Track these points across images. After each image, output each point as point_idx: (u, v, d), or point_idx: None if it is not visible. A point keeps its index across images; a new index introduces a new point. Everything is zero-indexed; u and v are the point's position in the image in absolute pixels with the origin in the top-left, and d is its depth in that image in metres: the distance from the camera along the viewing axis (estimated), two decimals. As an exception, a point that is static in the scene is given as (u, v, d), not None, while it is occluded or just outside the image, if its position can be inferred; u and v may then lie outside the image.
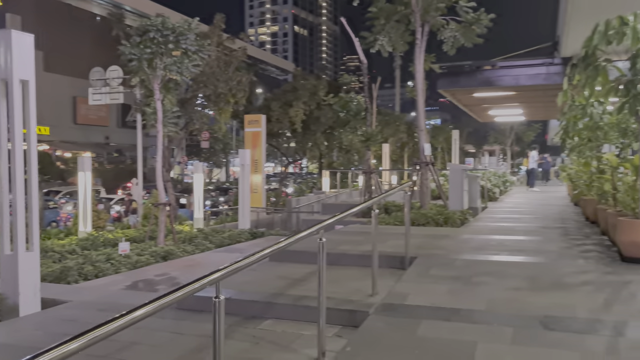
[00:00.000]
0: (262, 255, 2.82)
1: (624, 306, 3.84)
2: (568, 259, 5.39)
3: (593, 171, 7.65)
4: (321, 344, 3.33)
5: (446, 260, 5.43)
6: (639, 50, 4.85)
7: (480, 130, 53.61)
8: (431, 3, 10.02)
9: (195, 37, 12.13)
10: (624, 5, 9.05)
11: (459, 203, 9.17)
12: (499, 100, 18.54)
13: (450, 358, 3.16)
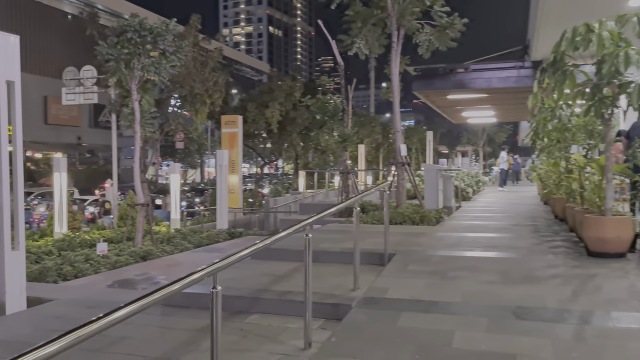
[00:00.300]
0: (256, 248, 2.97)
1: (590, 297, 4.09)
2: (538, 254, 5.66)
3: (562, 171, 7.96)
4: (307, 335, 3.49)
5: (423, 256, 5.64)
6: (604, 56, 5.11)
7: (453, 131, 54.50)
8: (407, 7, 10.25)
9: (173, 37, 12.16)
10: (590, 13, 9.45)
11: (434, 202, 9.43)
12: (471, 102, 18.97)
13: (430, 346, 3.35)
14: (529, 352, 3.18)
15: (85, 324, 1.98)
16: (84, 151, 43.99)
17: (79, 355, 3.39)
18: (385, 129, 35.85)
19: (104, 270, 8.10)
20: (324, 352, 3.35)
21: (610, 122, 5.42)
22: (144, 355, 3.45)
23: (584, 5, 10.34)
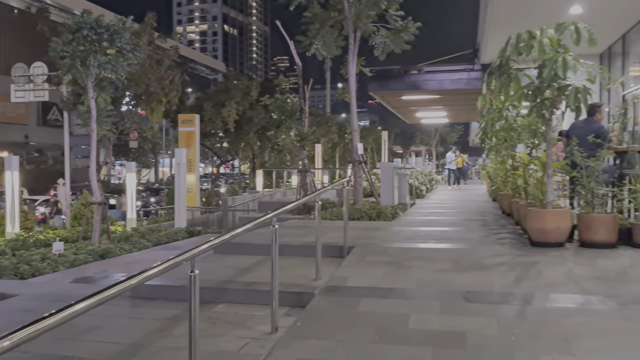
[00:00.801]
0: (232, 235, 3.16)
1: (531, 281, 4.48)
2: (486, 245, 6.06)
3: (508, 168, 8.45)
4: (274, 320, 3.71)
5: (380, 248, 5.95)
6: (544, 61, 5.54)
7: (407, 131, 55.66)
8: (363, 11, 10.56)
9: (130, 35, 12.09)
10: (535, 20, 10.05)
11: (390, 199, 9.78)
12: (425, 102, 19.59)
13: (388, 327, 3.63)
14: (477, 330, 3.50)
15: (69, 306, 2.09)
16: (31, 150, 42.53)
17: (52, 344, 3.50)
18: (341, 129, 36.35)
19: (63, 268, 8.05)
20: (290, 335, 3.57)
21: (551, 122, 5.87)
22: (118, 342, 3.58)
23: (529, 12, 10.95)
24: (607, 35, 12.96)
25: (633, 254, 5.15)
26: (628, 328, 3.44)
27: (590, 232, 5.46)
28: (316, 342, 3.45)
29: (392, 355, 3.21)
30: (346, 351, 3.29)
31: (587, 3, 10.36)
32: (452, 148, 23.16)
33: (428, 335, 3.48)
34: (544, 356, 3.09)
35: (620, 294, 4.01)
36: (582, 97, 5.36)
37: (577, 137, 6.35)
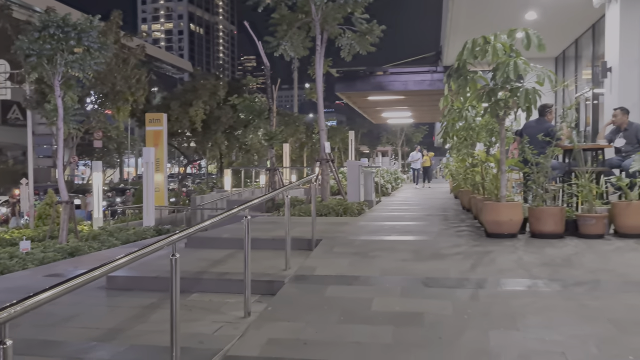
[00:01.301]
0: (212, 222, 3.40)
1: (485, 268, 4.85)
2: (445, 237, 6.44)
3: (467, 166, 8.89)
4: (247, 306, 3.97)
5: (346, 241, 6.26)
6: (498, 64, 5.94)
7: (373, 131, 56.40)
8: (329, 13, 10.88)
9: (97, 34, 12.09)
10: (494, 24, 10.55)
11: (356, 196, 10.12)
12: (390, 103, 20.07)
13: (353, 309, 3.92)
14: (433, 311, 3.83)
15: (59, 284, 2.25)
16: (-10, 150, 41.37)
17: (34, 330, 3.68)
18: (309, 129, 36.63)
19: (32, 266, 8.07)
20: (262, 318, 3.83)
21: (504, 121, 6.28)
22: (98, 327, 3.77)
23: (487, 18, 11.47)
24: (561, 40, 13.64)
25: (578, 243, 5.59)
26: (567, 306, 3.83)
27: (540, 224, 5.89)
28: (286, 324, 3.72)
29: (357, 334, 3.50)
30: (314, 331, 3.57)
31: (542, 10, 10.93)
32: (416, 147, 23.60)
33: (389, 316, 3.79)
34: (492, 331, 3.43)
35: (563, 278, 4.41)
36: (532, 98, 5.78)
37: (529, 136, 6.80)
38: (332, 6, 10.69)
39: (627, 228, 5.77)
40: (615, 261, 4.93)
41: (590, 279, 4.38)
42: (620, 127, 7.54)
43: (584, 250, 5.29)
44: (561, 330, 3.42)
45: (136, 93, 22.41)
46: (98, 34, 12.22)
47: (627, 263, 4.86)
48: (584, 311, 3.71)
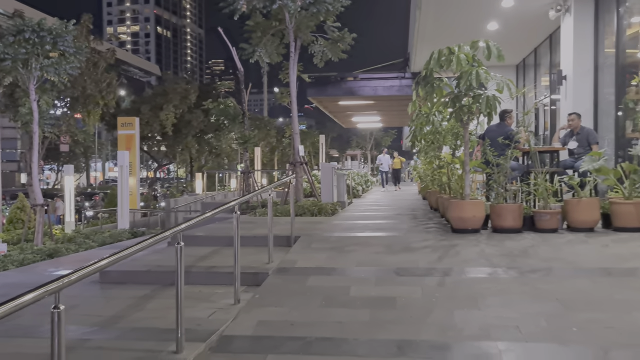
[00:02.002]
0: (212, 214, 3.76)
1: (451, 259, 5.32)
2: (415, 233, 6.92)
3: (435, 168, 9.42)
4: (237, 294, 4.33)
5: (323, 237, 6.66)
6: (462, 73, 6.45)
7: (343, 135, 57.07)
8: (302, 21, 11.29)
9: (72, 38, 12.24)
10: (456, 34, 11.20)
11: (330, 197, 10.55)
12: (360, 108, 20.61)
13: (332, 296, 4.33)
14: (405, 295, 4.27)
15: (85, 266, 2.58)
16: (-48, 154, 40.29)
17: (38, 318, 3.96)
18: (279, 132, 36.97)
19: (13, 267, 8.22)
20: (251, 304, 4.20)
21: (468, 125, 6.81)
22: (99, 315, 4.08)
23: (452, 28, 12.08)
24: (521, 48, 14.40)
25: (534, 237, 6.14)
26: (522, 289, 4.32)
27: (500, 220, 6.42)
28: (273, 309, 4.11)
29: (337, 316, 3.91)
30: (299, 314, 3.96)
31: (503, 21, 11.59)
32: (384, 150, 24.08)
33: (366, 300, 4.22)
34: (456, 310, 3.89)
35: (519, 266, 4.91)
36: (493, 104, 6.31)
37: (490, 139, 7.35)
38: (305, 14, 11.11)
39: (578, 223, 6.34)
40: (566, 252, 5.47)
41: (544, 266, 4.89)
42: (573, 131, 8.18)
43: (539, 243, 5.83)
44: (516, 308, 3.91)
45: (107, 97, 22.35)
46: (73, 38, 12.36)
47: (577, 253, 5.40)
48: (537, 293, 4.21)
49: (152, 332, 3.67)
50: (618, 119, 9.18)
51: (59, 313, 2.18)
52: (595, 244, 5.71)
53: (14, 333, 3.70)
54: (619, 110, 9.16)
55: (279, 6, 10.71)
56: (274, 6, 10.73)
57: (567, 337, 3.38)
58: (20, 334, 3.70)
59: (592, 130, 8.45)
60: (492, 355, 3.17)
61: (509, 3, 10.39)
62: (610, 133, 9.34)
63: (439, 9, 11.07)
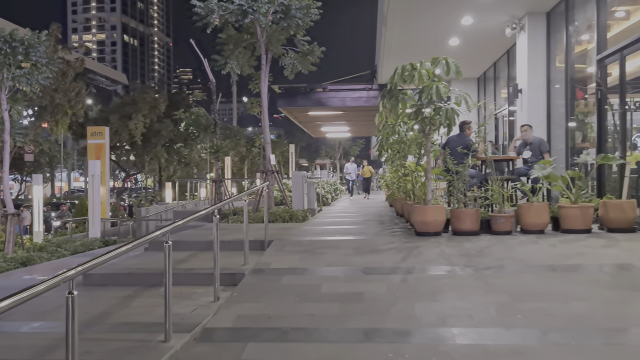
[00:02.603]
0: (193, 218, 4.09)
1: (413, 259, 5.77)
2: (381, 237, 7.36)
3: (400, 176, 9.91)
4: (216, 291, 4.67)
5: (295, 241, 7.04)
6: (424, 88, 6.96)
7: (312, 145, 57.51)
8: (273, 35, 11.71)
9: (44, 49, 12.35)
10: (420, 49, 11.80)
11: (301, 204, 10.92)
12: (329, 118, 21.11)
13: (305, 293, 4.71)
14: (371, 291, 4.68)
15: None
16: None
17: (31, 316, 4.23)
18: (249, 142, 37.18)
19: (-13, 275, 8.31)
20: (230, 301, 4.55)
21: (430, 136, 7.31)
22: (87, 312, 4.35)
23: (416, 42, 12.68)
24: (482, 62, 15.13)
25: (490, 239, 6.65)
26: (476, 284, 4.79)
27: (459, 223, 6.92)
28: (251, 304, 4.46)
29: (310, 309, 4.29)
30: (274, 308, 4.33)
31: (464, 37, 12.25)
32: (351, 159, 24.22)
33: (336, 296, 4.61)
34: (417, 303, 4.32)
35: (475, 264, 5.39)
36: (451, 116, 6.83)
37: (450, 149, 7.88)
38: (276, 28, 11.53)
39: (530, 225, 6.89)
40: (517, 251, 5.99)
41: (497, 264, 5.38)
42: (526, 141, 8.79)
43: (494, 244, 6.34)
44: (470, 300, 4.36)
45: (75, 106, 22.28)
46: (45, 49, 12.47)
47: (527, 252, 5.92)
48: (489, 287, 4.68)
49: (140, 326, 3.98)
50: (568, 129, 9.87)
51: (72, 298, 2.50)
52: (544, 244, 6.25)
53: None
54: (569, 122, 9.86)
55: (250, 20, 11.09)
56: (246, 20, 11.11)
57: (513, 323, 3.84)
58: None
59: (543, 140, 9.09)
60: (446, 339, 3.60)
61: (469, 21, 11.03)
62: (561, 143, 10.02)
63: (404, 25, 11.64)
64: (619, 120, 7.58)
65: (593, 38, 8.62)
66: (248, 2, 11.01)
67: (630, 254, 5.59)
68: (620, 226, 6.61)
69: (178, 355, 3.45)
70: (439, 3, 10.21)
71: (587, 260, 5.46)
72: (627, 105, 7.53)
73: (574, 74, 9.70)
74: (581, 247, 6.01)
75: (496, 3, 10.05)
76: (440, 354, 3.37)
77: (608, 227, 6.74)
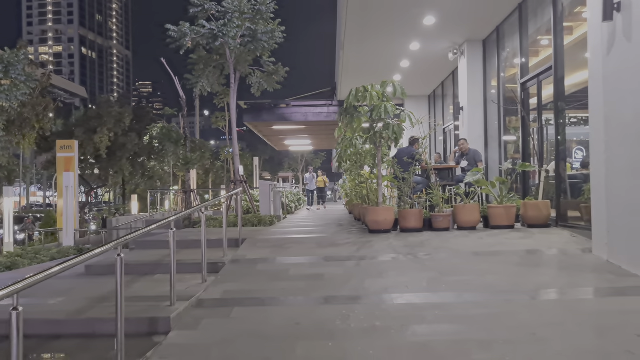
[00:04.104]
0: (184, 215, 5.11)
1: (366, 250, 6.92)
2: (340, 235, 8.51)
3: (357, 184, 11.10)
4: (204, 275, 5.69)
5: (265, 239, 8.10)
6: (374, 107, 8.17)
7: (274, 158, 58.51)
8: (241, 56, 12.81)
9: (23, 67, 13.09)
10: (375, 69, 13.09)
11: (268, 211, 11.98)
12: (292, 132, 22.24)
13: (277, 275, 5.79)
14: (330, 273, 5.79)
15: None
16: None
17: (49, 296, 5.16)
18: (213, 155, 37.94)
19: (-21, 277, 8.99)
20: (216, 282, 5.58)
21: (380, 148, 8.52)
22: (95, 294, 5.29)
23: (372, 63, 13.98)
24: (431, 82, 16.60)
25: (430, 234, 7.88)
26: (415, 266, 5.97)
27: (405, 222, 8.13)
28: (233, 283, 5.51)
29: (281, 286, 5.36)
30: (252, 286, 5.39)
31: (413, 60, 13.63)
32: (310, 169, 24.15)
33: (302, 277, 5.70)
34: (367, 280, 5.45)
35: (415, 253, 6.58)
36: (398, 131, 8.07)
37: (399, 159, 9.12)
38: (244, 50, 12.64)
39: (464, 223, 8.16)
40: (451, 243, 7.22)
41: (433, 252, 6.59)
42: (463, 152, 10.14)
43: (433, 238, 7.57)
44: (408, 276, 5.53)
45: (43, 120, 22.72)
46: (24, 66, 13.21)
47: (459, 243, 7.16)
48: (424, 267, 5.87)
49: (148, 298, 4.97)
50: (502, 142, 11.30)
51: (121, 258, 3.49)
52: (473, 237, 7.52)
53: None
54: (502, 135, 11.29)
55: (221, 43, 12.17)
56: (217, 43, 12.18)
57: (438, 289, 5.03)
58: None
59: (477, 151, 10.45)
60: (387, 301, 4.75)
61: (416, 47, 12.41)
62: (496, 154, 11.43)
63: (359, 50, 12.92)
64: (537, 134, 9.01)
65: (518, 64, 10.08)
66: (218, 26, 12.11)
67: (540, 243, 6.90)
68: (537, 222, 7.95)
69: (182, 314, 4.48)
70: (389, 31, 11.52)
71: (505, 248, 6.74)
72: (544, 122, 8.96)
73: (506, 94, 11.16)
74: (503, 239, 7.30)
75: (439, 31, 11.44)
76: (382, 310, 4.51)
77: (528, 223, 8.07)
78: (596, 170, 5.93)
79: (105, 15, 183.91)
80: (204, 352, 3.77)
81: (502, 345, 3.64)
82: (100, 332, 4.27)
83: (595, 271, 5.47)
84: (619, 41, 5.38)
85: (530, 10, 9.64)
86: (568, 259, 6.07)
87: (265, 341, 3.89)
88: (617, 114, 5.41)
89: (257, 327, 4.20)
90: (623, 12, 5.31)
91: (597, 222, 5.97)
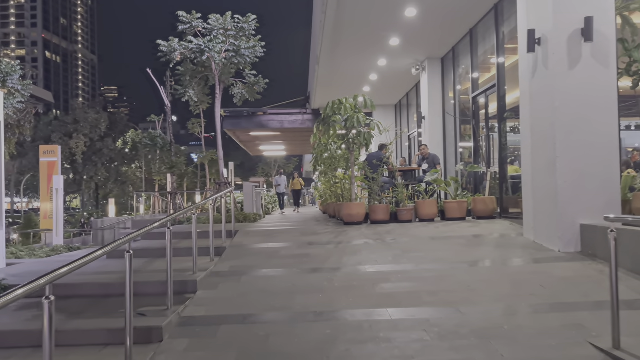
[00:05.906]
0: (184, 211, 6.38)
1: (342, 237, 8.29)
2: (319, 226, 9.87)
3: (332, 184, 12.47)
4: (212, 255, 6.96)
5: (255, 231, 9.40)
6: (348, 117, 9.57)
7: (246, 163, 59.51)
8: (225, 69, 14.08)
9: (19, 77, 14.06)
10: (346, 81, 14.50)
11: (251, 208, 13.24)
12: (269, 138, 23.51)
13: (271, 254, 7.11)
14: (314, 253, 7.15)
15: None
16: None
17: (84, 276, 6.36)
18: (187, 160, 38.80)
19: None
20: (222, 260, 6.87)
21: (353, 152, 9.92)
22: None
23: (344, 76, 15.42)
24: (398, 92, 18.16)
25: (396, 225, 9.31)
26: (382, 247, 7.37)
27: (375, 215, 9.54)
28: (236, 261, 6.81)
29: (276, 261, 6.69)
30: (253, 263, 6.70)
31: (380, 74, 15.14)
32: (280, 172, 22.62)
33: (291, 256, 7.04)
34: (344, 257, 6.82)
35: (383, 238, 7.99)
36: (368, 138, 9.49)
37: (369, 162, 10.55)
38: (227, 63, 13.92)
39: (424, 216, 9.62)
40: (413, 231, 8.66)
41: (397, 237, 8.01)
42: (425, 156, 11.65)
43: (398, 228, 9.00)
44: (377, 254, 6.93)
45: (24, 126, 23.35)
46: (20, 76, 14.18)
47: (419, 231, 8.61)
48: (390, 248, 7.28)
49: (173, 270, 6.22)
50: (457, 147, 12.88)
51: (170, 231, 4.76)
52: (431, 227, 8.98)
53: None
54: (458, 142, 12.86)
55: (207, 57, 13.42)
56: (204, 57, 13.43)
57: (401, 262, 6.44)
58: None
59: (436, 155, 11.98)
60: (360, 270, 6.13)
61: (383, 62, 13.92)
62: (453, 158, 13.00)
63: (333, 64, 14.33)
64: (485, 142, 10.58)
65: (470, 80, 11.66)
66: (205, 42, 13.37)
67: (484, 230, 8.40)
68: (484, 215, 9.47)
69: (202, 280, 5.76)
70: (359, 49, 12.98)
71: (456, 234, 8.21)
72: (490, 131, 10.53)
73: (461, 106, 12.74)
74: (455, 227, 8.79)
75: (403, 50, 12.96)
76: (357, 275, 5.89)
77: (477, 215, 9.58)
78: (525, 169, 7.46)
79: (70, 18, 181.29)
80: (226, 302, 5.08)
81: (444, 293, 5.06)
82: (142, 292, 5.51)
83: (522, 248, 6.98)
84: (539, 68, 6.91)
85: (480, 34, 11.23)
86: (504, 240, 7.58)
87: (271, 295, 5.22)
88: (538, 124, 6.94)
89: (264, 287, 5.53)
90: (542, 46, 6.84)
91: (526, 211, 7.48)
